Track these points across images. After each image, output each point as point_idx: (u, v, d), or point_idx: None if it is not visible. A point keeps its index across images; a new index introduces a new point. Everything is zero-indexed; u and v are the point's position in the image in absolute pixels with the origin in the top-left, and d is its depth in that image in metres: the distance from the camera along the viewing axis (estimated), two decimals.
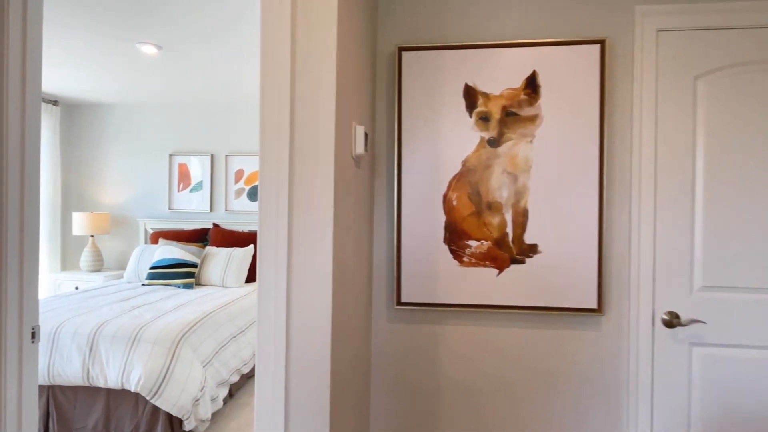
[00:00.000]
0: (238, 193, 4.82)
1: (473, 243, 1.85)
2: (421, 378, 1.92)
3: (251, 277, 4.38)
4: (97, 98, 4.76)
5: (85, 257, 4.65)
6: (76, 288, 4.55)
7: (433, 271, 1.88)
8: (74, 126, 5.07)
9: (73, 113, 5.06)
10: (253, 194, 4.79)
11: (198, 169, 4.88)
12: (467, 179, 1.85)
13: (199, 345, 2.90)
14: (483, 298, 1.85)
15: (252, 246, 4.35)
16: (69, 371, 2.68)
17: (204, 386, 2.75)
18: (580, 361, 1.83)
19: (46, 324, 2.82)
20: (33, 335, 1.52)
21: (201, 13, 2.69)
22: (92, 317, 2.91)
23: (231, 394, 3.29)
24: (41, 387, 2.75)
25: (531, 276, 1.82)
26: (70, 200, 5.10)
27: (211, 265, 4.19)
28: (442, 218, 1.87)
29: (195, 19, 2.78)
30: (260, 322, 1.33)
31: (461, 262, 1.86)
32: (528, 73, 1.81)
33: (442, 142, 1.86)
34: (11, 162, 1.43)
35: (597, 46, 1.78)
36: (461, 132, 1.85)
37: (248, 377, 3.72)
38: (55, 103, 4.73)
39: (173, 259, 4.09)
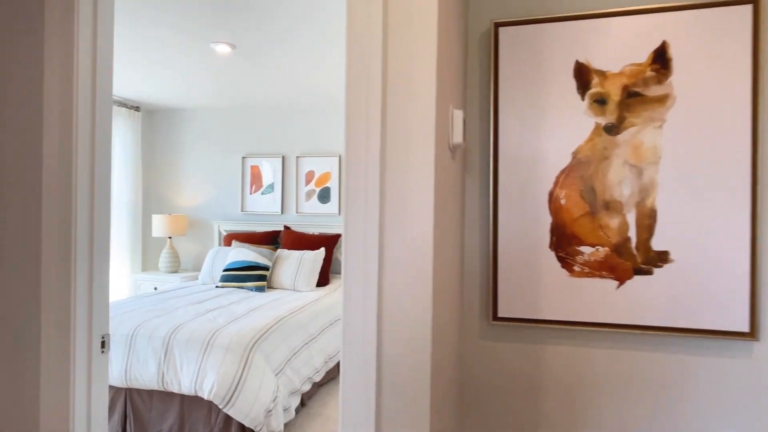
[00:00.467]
0: (309, 195, 4.74)
1: (586, 249, 1.56)
2: (519, 407, 1.65)
3: (322, 281, 4.27)
4: (174, 103, 4.87)
5: (163, 258, 4.76)
6: (155, 288, 4.66)
7: (536, 281, 1.61)
8: (154, 131, 5.23)
9: (153, 118, 5.23)
10: (323, 196, 4.69)
11: (269, 171, 4.85)
12: (578, 173, 1.56)
13: (272, 352, 2.78)
14: (598, 314, 1.55)
15: (323, 249, 4.23)
16: (145, 375, 2.65)
17: (276, 396, 2.63)
18: (725, 398, 1.48)
19: (123, 326, 2.82)
20: (103, 344, 1.42)
21: (275, 11, 2.58)
22: (167, 320, 2.88)
23: (303, 403, 3.16)
24: (119, 389, 2.75)
25: (660, 289, 1.50)
26: (150, 203, 5.26)
27: (283, 268, 4.12)
28: (548, 220, 1.59)
29: (269, 17, 2.67)
30: (346, 337, 1.13)
31: (571, 271, 1.57)
32: (656, 45, 1.50)
33: (547, 131, 1.59)
34: (81, 168, 1.33)
35: (748, 7, 1.43)
36: (571, 118, 1.57)
37: (320, 385, 3.59)
38: (137, 108, 4.90)
39: (246, 261, 4.06)
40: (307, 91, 4.28)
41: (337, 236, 4.45)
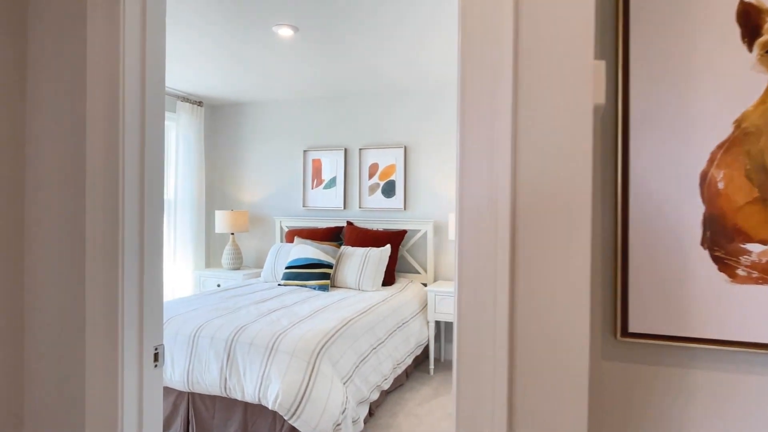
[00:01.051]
0: (372, 189, 4.50)
1: (755, 247, 1.18)
2: None
3: (387, 280, 4.01)
4: (236, 97, 4.78)
5: (226, 255, 4.68)
6: (218, 285, 4.59)
7: (682, 287, 1.25)
8: (216, 126, 5.19)
9: (216, 113, 5.18)
10: (388, 190, 4.43)
11: (331, 165, 4.66)
12: (744, 148, 1.19)
13: (339, 358, 2.55)
14: None
15: (389, 246, 3.98)
16: (207, 379, 2.49)
17: (345, 408, 2.39)
18: None
19: (186, 325, 2.68)
20: (156, 357, 1.21)
21: None
22: (229, 321, 2.72)
23: (371, 413, 2.91)
24: (181, 393, 2.62)
25: None
26: (213, 198, 5.22)
27: (347, 266, 3.90)
28: (699, 208, 1.23)
29: None
30: (462, 357, 0.85)
31: (732, 275, 1.20)
32: None
33: (697, 91, 1.22)
34: (129, 167, 1.13)
35: None
36: (732, 75, 1.19)
37: (387, 393, 3.34)
38: (199, 104, 4.85)
39: (308, 258, 3.88)
40: (372, 78, 4.03)
41: (402, 233, 4.18)
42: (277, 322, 2.73)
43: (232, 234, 4.75)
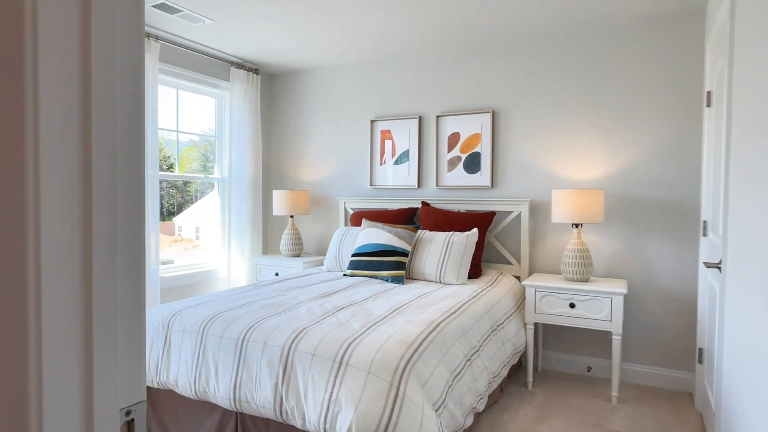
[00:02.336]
0: (452, 163, 3.79)
1: None
2: None
3: (473, 271, 3.31)
4: (296, 62, 4.21)
5: (285, 240, 4.16)
6: (276, 275, 4.07)
7: None
8: (274, 97, 4.66)
9: (273, 82, 4.65)
10: (471, 164, 3.71)
11: (403, 137, 3.99)
12: None
13: (429, 376, 1.90)
14: None
15: (476, 230, 3.26)
16: (258, 397, 1.92)
17: None
18: None
19: (233, 326, 2.12)
20: (129, 426, 0.59)
21: None
22: (287, 321, 2.13)
23: None
24: (227, 412, 2.06)
25: None
26: (271, 177, 4.71)
27: (425, 254, 3.23)
28: None
29: None
30: None
31: None
32: None
33: None
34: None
35: None
36: None
37: (480, 414, 2.66)
38: (256, 71, 4.33)
39: (380, 244, 3.24)
40: (453, 28, 3.30)
41: (490, 215, 3.45)
42: (346, 324, 2.11)
43: (291, 217, 4.21)
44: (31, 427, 0.50)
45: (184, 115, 3.99)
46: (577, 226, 3.10)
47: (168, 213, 3.95)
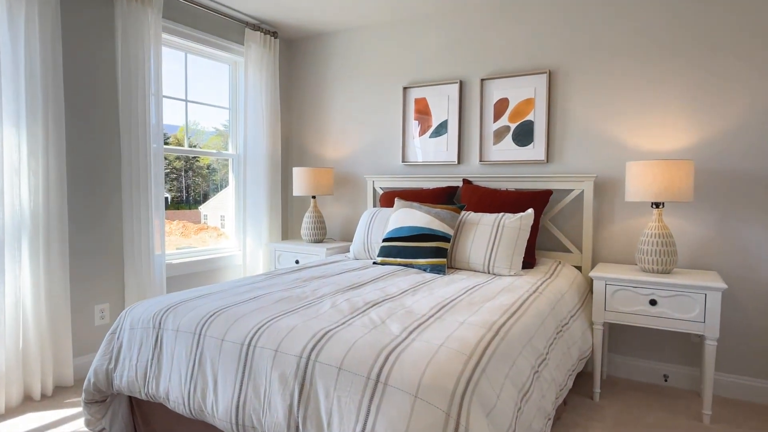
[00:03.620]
0: (499, 134, 3.25)
1: None
2: None
3: (527, 260, 2.78)
4: (319, 22, 3.72)
5: (306, 224, 3.70)
6: (297, 262, 3.62)
7: None
8: (294, 64, 4.17)
9: (293, 47, 4.16)
10: (522, 135, 3.17)
11: (441, 105, 3.46)
12: None
13: (496, 400, 1.40)
14: None
15: (531, 211, 2.73)
16: (268, 423, 1.46)
17: None
18: None
19: (238, 326, 1.66)
20: None
21: None
22: (306, 321, 1.66)
23: None
24: None
25: None
26: (291, 155, 4.25)
27: (470, 239, 2.72)
28: None
29: None
30: None
31: None
32: None
33: None
34: None
35: None
36: None
37: None
38: (274, 34, 3.85)
39: (417, 228, 2.75)
40: None
41: (545, 193, 2.91)
42: (381, 326, 1.63)
43: (313, 198, 3.75)
44: None
45: (196, 84, 3.54)
46: (657, 206, 2.54)
47: (194, 201, 3.68)
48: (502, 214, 2.77)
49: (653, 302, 2.43)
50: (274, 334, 1.57)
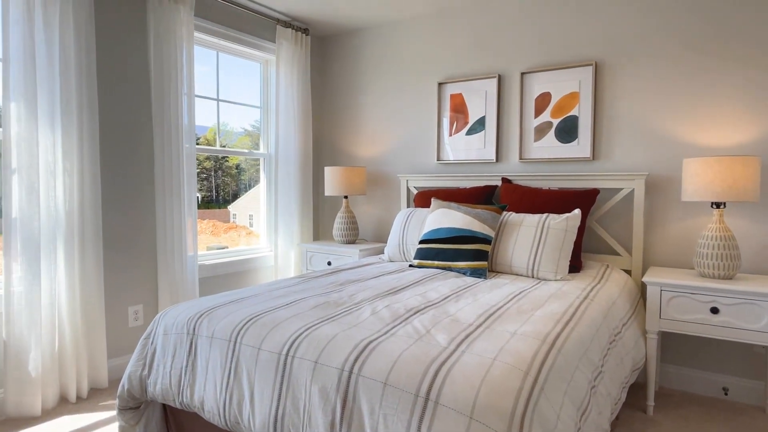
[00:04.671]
0: (541, 130, 3.09)
1: None
2: None
3: (573, 263, 2.62)
4: (351, 18, 3.62)
5: (339, 225, 3.62)
6: (329, 264, 3.54)
7: None
8: (326, 61, 4.10)
9: (325, 44, 4.09)
10: (565, 131, 3.00)
11: (478, 101, 3.33)
12: None
13: (557, 421, 1.27)
14: None
15: (578, 211, 2.57)
16: None
17: None
18: None
19: (273, 335, 1.58)
20: None
21: None
22: (346, 330, 1.56)
23: None
24: None
25: None
26: (322, 154, 4.18)
27: (513, 241, 2.58)
28: None
29: None
30: None
31: None
32: None
33: None
34: None
35: None
36: None
37: None
38: (305, 31, 3.78)
39: (455, 229, 2.62)
40: None
41: (592, 193, 2.74)
42: (427, 336, 1.52)
43: (346, 198, 3.67)
44: None
45: (226, 84, 3.50)
46: (718, 206, 2.35)
47: (223, 201, 3.68)
48: (546, 214, 2.62)
49: (714, 310, 2.24)
50: (313, 344, 1.48)
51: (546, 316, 1.79)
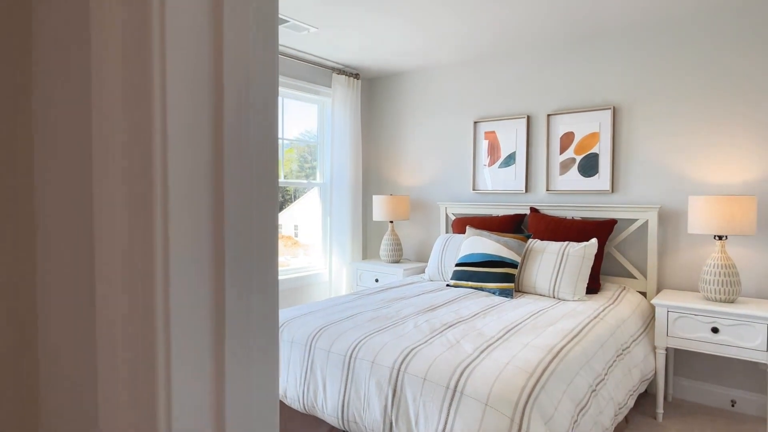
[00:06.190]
0: (565, 165, 3.48)
1: None
2: None
3: (591, 286, 2.99)
4: (396, 64, 4.14)
5: (385, 246, 4.10)
6: (376, 281, 4.03)
7: None
8: (373, 100, 4.63)
9: (373, 86, 4.62)
10: (588, 167, 3.38)
11: (510, 138, 3.75)
12: None
13: (554, 412, 1.69)
14: None
15: (594, 241, 2.95)
16: (367, 418, 1.84)
17: None
18: None
19: (340, 341, 2.07)
20: None
21: None
22: (394, 338, 2.04)
23: None
24: (333, 429, 2.02)
25: None
26: (370, 182, 4.70)
27: (537, 266, 2.98)
28: None
29: None
30: None
31: None
32: None
33: None
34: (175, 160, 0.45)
35: None
36: None
37: None
38: (356, 75, 4.33)
39: (486, 254, 3.05)
40: (565, 17, 3.02)
41: (610, 223, 3.11)
42: (457, 346, 1.97)
43: (391, 222, 4.15)
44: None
45: (288, 121, 4.08)
46: (720, 237, 2.68)
47: None
48: (566, 242, 3.01)
49: (715, 330, 2.57)
50: (370, 349, 1.96)
51: (556, 331, 2.20)
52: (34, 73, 0.54)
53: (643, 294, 3.17)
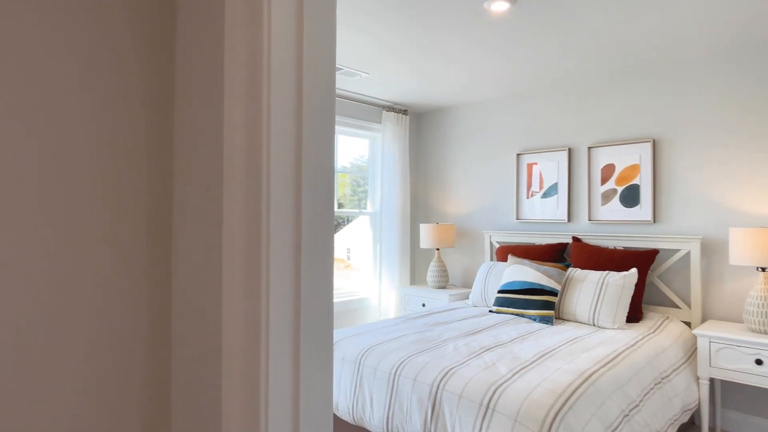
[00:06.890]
0: (607, 196, 3.58)
1: None
2: None
3: (632, 315, 3.06)
4: (441, 100, 4.41)
5: (432, 272, 4.31)
6: (423, 305, 4.23)
7: None
8: (421, 134, 4.91)
9: (420, 121, 4.90)
10: (629, 198, 3.46)
11: (551, 169, 3.89)
12: None
13: (581, 431, 1.83)
14: None
15: (634, 270, 3.03)
16: (409, 430, 2.04)
17: None
18: None
19: (386, 360, 2.30)
20: None
21: None
22: (435, 359, 2.24)
23: None
24: None
25: None
26: (418, 211, 4.94)
27: (576, 294, 3.09)
28: None
29: None
30: None
31: None
32: None
33: None
34: (275, 171, 0.77)
35: None
36: None
37: None
38: (404, 112, 4.63)
39: (527, 282, 3.20)
40: (604, 56, 3.18)
41: (652, 253, 3.17)
42: (492, 367, 2.15)
43: (438, 249, 4.36)
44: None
45: (342, 151, 4.42)
46: (764, 269, 2.70)
47: None
48: (606, 272, 3.10)
49: (759, 362, 2.58)
50: (413, 368, 2.17)
51: (590, 357, 2.32)
52: (176, 99, 0.86)
53: (688, 324, 3.19)
